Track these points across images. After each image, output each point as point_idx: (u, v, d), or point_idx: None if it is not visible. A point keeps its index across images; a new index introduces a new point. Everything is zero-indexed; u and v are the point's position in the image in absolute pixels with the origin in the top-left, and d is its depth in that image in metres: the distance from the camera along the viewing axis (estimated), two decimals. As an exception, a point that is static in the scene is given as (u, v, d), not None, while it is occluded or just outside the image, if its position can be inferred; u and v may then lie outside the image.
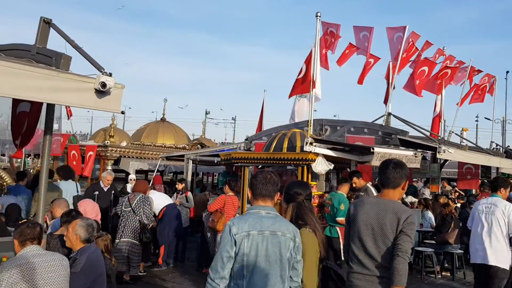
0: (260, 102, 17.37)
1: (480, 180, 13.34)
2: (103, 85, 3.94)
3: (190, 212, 10.69)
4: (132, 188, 10.89)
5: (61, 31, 4.78)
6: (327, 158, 8.12)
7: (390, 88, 11.94)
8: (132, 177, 12.23)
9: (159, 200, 9.32)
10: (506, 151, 14.95)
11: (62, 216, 4.95)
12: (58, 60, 4.52)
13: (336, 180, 9.47)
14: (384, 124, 11.61)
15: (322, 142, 8.34)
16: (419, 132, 11.26)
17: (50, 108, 4.85)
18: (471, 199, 11.81)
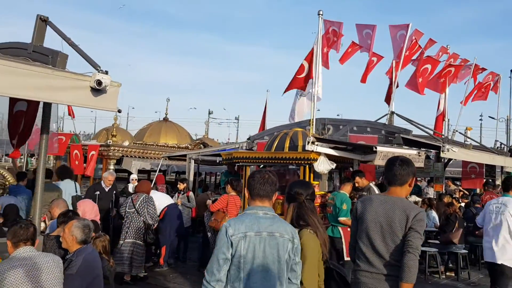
0: (263, 101, 17.32)
1: (485, 179, 13.24)
2: (99, 83, 3.88)
3: (192, 212, 10.63)
4: (133, 188, 10.86)
5: (57, 29, 4.73)
6: (329, 157, 8.04)
7: (393, 86, 11.83)
8: (133, 177, 12.18)
9: (161, 200, 9.26)
10: (510, 150, 14.80)
11: (59, 217, 4.87)
12: (54, 58, 4.46)
13: (339, 179, 9.38)
14: (387, 123, 11.50)
15: (324, 141, 8.26)
16: (423, 131, 11.15)
17: (47, 107, 4.79)
18: (475, 198, 11.69)
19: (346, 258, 7.49)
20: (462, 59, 13.67)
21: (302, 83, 10.12)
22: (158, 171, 13.75)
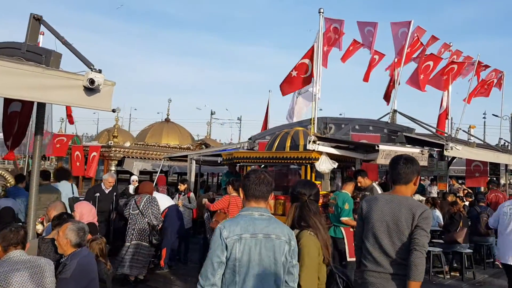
0: (265, 102, 17.25)
1: (489, 177, 13.11)
2: (92, 81, 3.78)
3: (193, 213, 10.53)
4: (134, 189, 10.77)
5: (51, 28, 4.64)
6: (331, 156, 7.94)
7: (395, 84, 11.72)
8: (134, 178, 12.07)
9: (161, 202, 9.13)
10: (515, 147, 14.68)
11: (53, 220, 4.77)
12: (48, 58, 4.37)
13: (341, 179, 9.28)
14: (389, 121, 11.40)
15: (325, 140, 8.17)
16: (426, 130, 11.05)
17: (41, 107, 4.69)
18: (480, 197, 11.55)
19: (349, 259, 7.38)
20: (465, 56, 13.56)
21: (307, 82, 10.01)
22: (159, 172, 13.67)
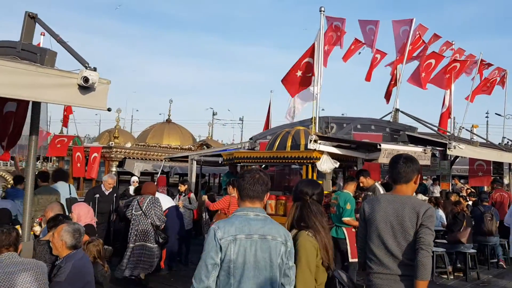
0: (267, 102, 17.20)
1: (492, 176, 13.01)
2: (86, 80, 3.70)
3: (194, 214, 10.45)
4: (134, 190, 10.71)
5: (46, 26, 4.56)
6: (333, 156, 7.86)
7: (398, 83, 11.63)
8: (134, 179, 12.01)
9: (161, 202, 9.07)
10: (518, 146, 14.57)
11: (49, 221, 4.70)
12: (42, 56, 4.29)
13: (343, 179, 9.19)
14: (391, 120, 11.31)
15: (327, 139, 8.08)
16: (428, 128, 10.95)
17: (36, 107, 4.61)
18: (483, 196, 11.45)
19: (351, 260, 7.30)
20: (468, 54, 13.45)
21: (310, 81, 9.93)
22: (160, 172, 13.60)
